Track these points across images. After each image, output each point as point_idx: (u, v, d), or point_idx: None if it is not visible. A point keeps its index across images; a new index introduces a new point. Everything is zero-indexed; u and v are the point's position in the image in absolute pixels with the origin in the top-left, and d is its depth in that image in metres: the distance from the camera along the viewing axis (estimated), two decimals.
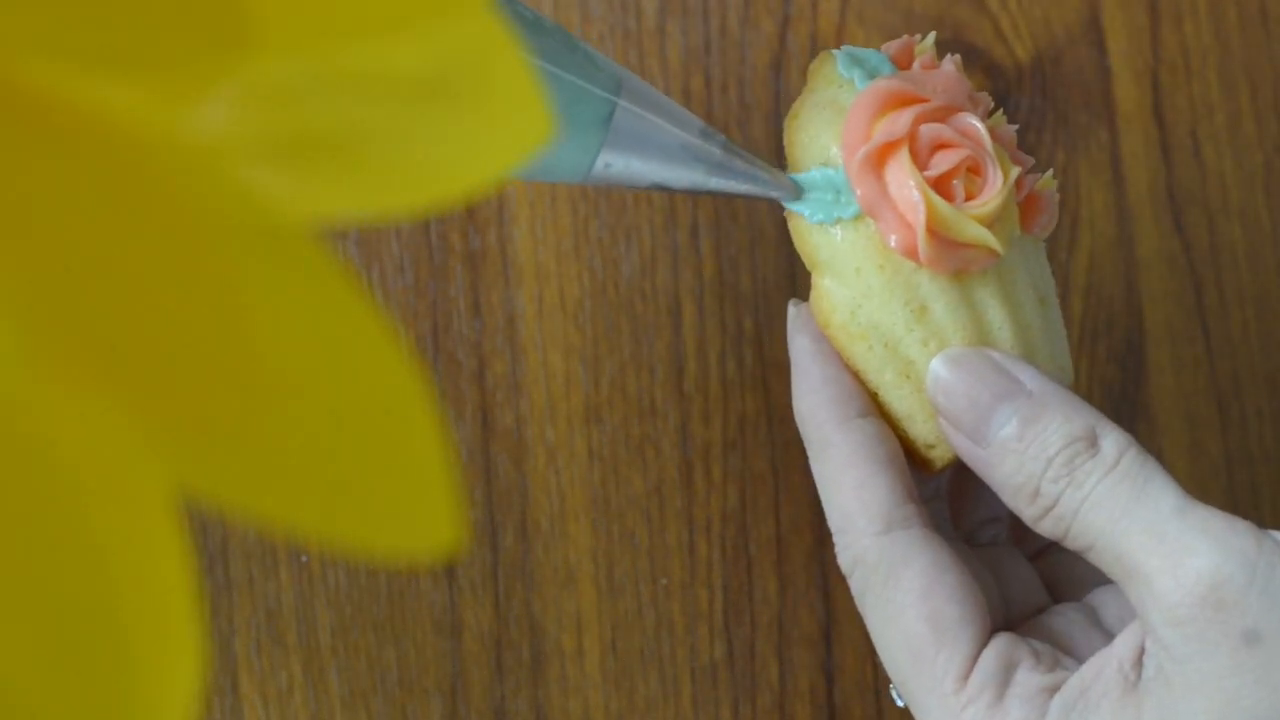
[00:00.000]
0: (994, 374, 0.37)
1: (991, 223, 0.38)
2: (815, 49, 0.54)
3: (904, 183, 0.38)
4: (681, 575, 0.52)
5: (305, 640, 0.52)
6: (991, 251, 0.38)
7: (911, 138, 0.38)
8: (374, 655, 0.52)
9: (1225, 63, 0.54)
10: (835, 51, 0.41)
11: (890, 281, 0.39)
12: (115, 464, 0.20)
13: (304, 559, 0.52)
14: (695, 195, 0.42)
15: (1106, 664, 0.36)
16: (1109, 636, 0.38)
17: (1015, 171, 0.39)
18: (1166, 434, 0.53)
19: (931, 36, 0.41)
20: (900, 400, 0.39)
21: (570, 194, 0.53)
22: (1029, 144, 0.53)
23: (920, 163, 0.38)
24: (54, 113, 0.20)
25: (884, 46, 0.41)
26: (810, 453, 0.40)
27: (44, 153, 0.20)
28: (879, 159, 0.38)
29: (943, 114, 0.39)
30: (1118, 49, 0.54)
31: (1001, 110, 0.42)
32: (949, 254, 0.38)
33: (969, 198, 0.38)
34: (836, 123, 0.39)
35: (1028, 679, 0.36)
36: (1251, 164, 0.53)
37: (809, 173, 0.39)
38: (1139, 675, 0.35)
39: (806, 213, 0.39)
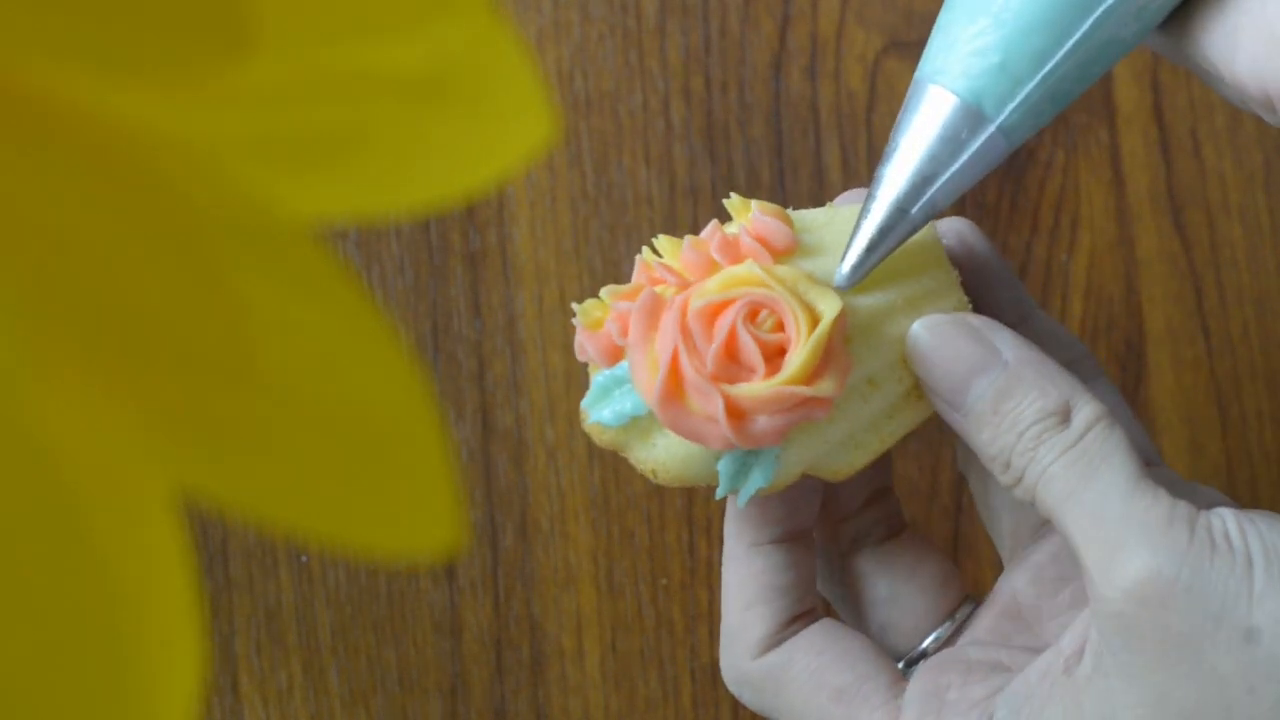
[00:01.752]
0: (971, 344, 0.37)
1: (826, 360, 0.36)
2: (815, 49, 0.54)
3: (708, 417, 0.36)
4: (681, 575, 0.52)
5: (305, 640, 0.52)
6: (830, 391, 0.36)
7: (671, 390, 0.35)
8: (374, 655, 0.52)
9: None
10: (585, 416, 0.38)
11: (823, 435, 0.37)
12: (115, 464, 0.20)
13: (304, 559, 0.52)
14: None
15: (1054, 661, 0.36)
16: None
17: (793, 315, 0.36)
18: (1166, 434, 0.53)
19: (604, 296, 0.38)
20: (912, 417, 0.39)
21: (570, 194, 0.53)
22: (1029, 144, 0.53)
23: (727, 370, 0.36)
24: (54, 113, 0.20)
25: (585, 349, 0.38)
26: (724, 555, 0.40)
27: (44, 153, 0.20)
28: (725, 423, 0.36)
29: (707, 321, 0.36)
30: None
31: (716, 226, 0.38)
32: (812, 406, 0.36)
33: (778, 328, 0.36)
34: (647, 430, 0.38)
35: (961, 696, 0.37)
36: (1251, 164, 0.53)
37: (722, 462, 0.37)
38: (1080, 664, 0.35)
39: (724, 489, 0.37)
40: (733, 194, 0.38)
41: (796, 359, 0.35)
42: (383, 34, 0.21)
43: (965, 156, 0.36)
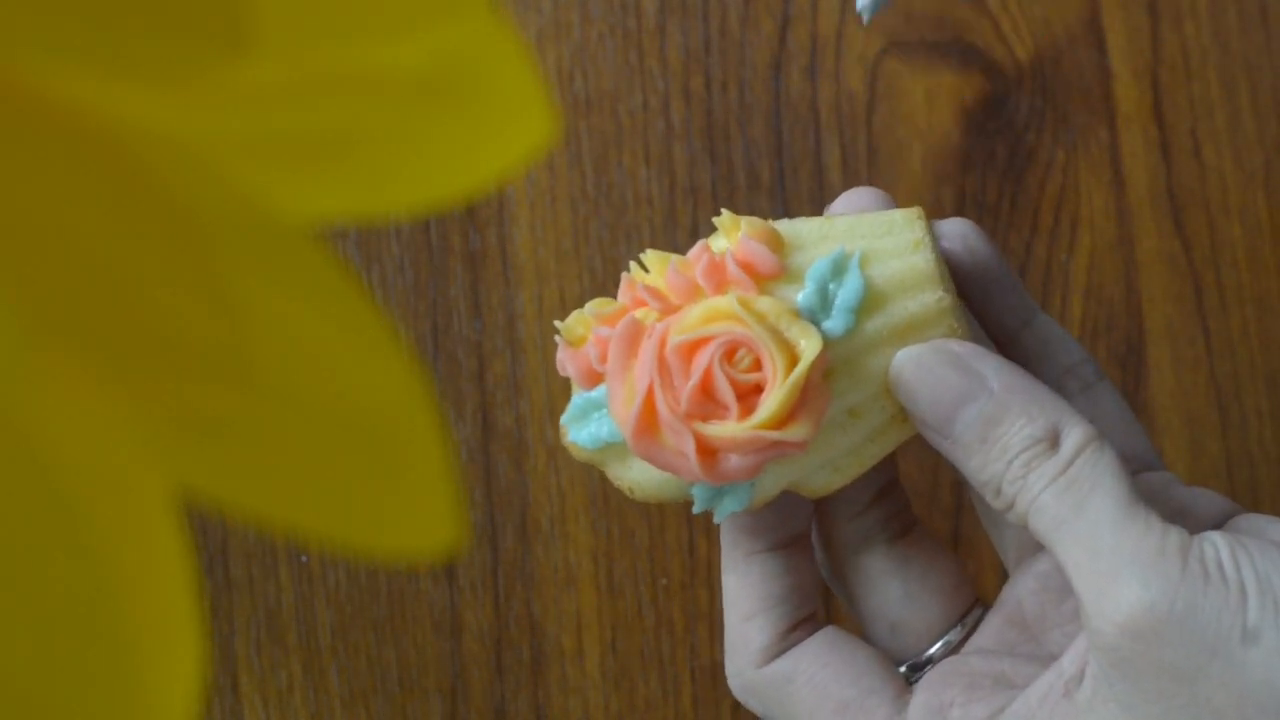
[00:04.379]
0: (955, 374, 0.37)
1: (801, 404, 0.36)
2: (815, 49, 0.54)
3: (678, 456, 0.35)
4: (681, 575, 0.52)
5: (305, 640, 0.52)
6: (813, 422, 0.36)
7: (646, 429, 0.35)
8: (374, 655, 0.52)
9: (1225, 63, 0.54)
10: (566, 439, 0.39)
11: (801, 462, 0.37)
12: (115, 464, 0.20)
13: (304, 559, 0.52)
14: None
15: (1054, 685, 0.36)
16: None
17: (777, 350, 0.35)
18: (1166, 434, 0.53)
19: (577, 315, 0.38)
20: (895, 438, 0.39)
21: (570, 194, 0.53)
22: (1029, 144, 0.53)
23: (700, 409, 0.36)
24: (54, 113, 0.20)
25: (570, 366, 0.38)
26: (722, 565, 0.40)
27: (44, 153, 0.20)
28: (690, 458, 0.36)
29: (688, 349, 0.36)
30: (1118, 49, 0.54)
31: (701, 244, 0.38)
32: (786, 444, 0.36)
33: (755, 367, 0.36)
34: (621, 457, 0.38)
35: (963, 715, 0.37)
36: (1251, 164, 0.53)
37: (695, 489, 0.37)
38: (1080, 688, 0.35)
39: (699, 508, 0.37)
40: (724, 211, 0.38)
41: (770, 403, 0.35)
42: (383, 34, 0.21)
43: None
